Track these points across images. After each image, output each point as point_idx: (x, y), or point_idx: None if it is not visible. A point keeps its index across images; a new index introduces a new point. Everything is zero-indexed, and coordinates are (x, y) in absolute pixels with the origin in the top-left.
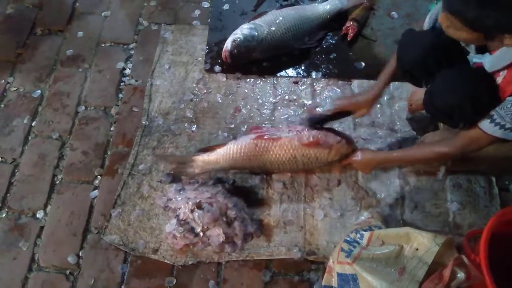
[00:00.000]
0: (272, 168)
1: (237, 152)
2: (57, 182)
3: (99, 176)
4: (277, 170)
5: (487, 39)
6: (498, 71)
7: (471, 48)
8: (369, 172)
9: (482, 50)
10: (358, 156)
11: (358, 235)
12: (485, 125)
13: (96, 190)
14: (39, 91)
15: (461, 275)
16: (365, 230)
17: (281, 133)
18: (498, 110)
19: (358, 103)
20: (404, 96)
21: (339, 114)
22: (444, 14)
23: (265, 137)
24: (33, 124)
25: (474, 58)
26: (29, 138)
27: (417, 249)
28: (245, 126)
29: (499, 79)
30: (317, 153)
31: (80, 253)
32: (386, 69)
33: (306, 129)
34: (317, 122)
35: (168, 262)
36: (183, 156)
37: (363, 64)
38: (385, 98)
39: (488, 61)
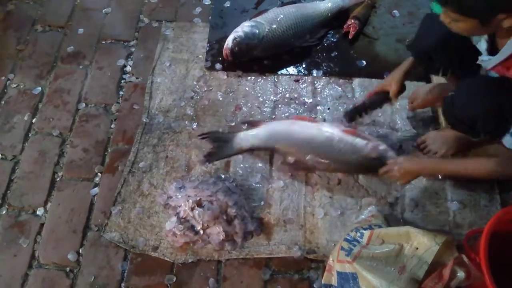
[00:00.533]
0: (306, 151)
1: (277, 127)
2: (58, 179)
3: (99, 174)
4: (311, 156)
5: (484, 25)
6: (504, 61)
7: (482, 49)
8: (407, 183)
9: (493, 52)
10: (400, 163)
11: (358, 234)
12: (508, 141)
13: (97, 188)
14: (40, 88)
15: (461, 274)
16: (365, 229)
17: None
18: None
19: (386, 82)
20: (405, 94)
21: (374, 103)
22: (443, 11)
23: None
24: (33, 121)
25: (484, 58)
26: (30, 135)
27: (417, 248)
28: (245, 125)
29: None
30: (355, 141)
31: (80, 251)
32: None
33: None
34: (355, 113)
35: (168, 259)
36: (224, 133)
37: (364, 62)
38: None
39: (494, 59)
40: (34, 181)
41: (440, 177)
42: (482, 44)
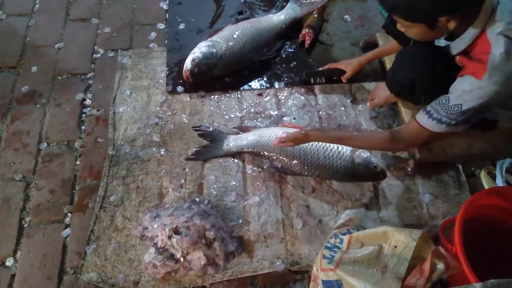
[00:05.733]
0: (292, 156)
1: (265, 131)
2: (25, 225)
3: (69, 214)
4: (297, 161)
5: (432, 28)
6: (457, 55)
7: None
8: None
9: (450, 37)
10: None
11: (338, 240)
12: (423, 119)
13: (68, 229)
14: None
15: (440, 266)
16: (344, 234)
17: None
18: (433, 105)
19: (345, 62)
20: (366, 97)
21: (330, 74)
22: (397, 21)
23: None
24: None
25: (441, 43)
26: None
27: (395, 247)
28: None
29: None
30: (341, 148)
31: None
32: (379, 47)
33: None
34: (311, 76)
35: None
36: (216, 130)
37: None
38: (348, 101)
39: (451, 46)
40: (0, 231)
41: (410, 172)
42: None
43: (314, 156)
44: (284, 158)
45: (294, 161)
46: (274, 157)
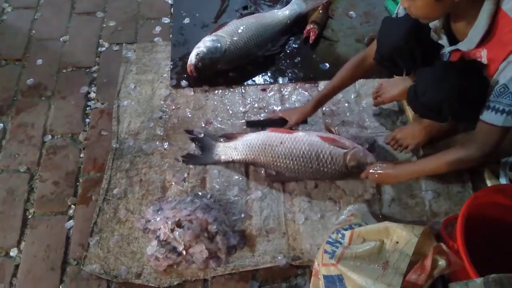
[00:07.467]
0: (285, 166)
1: (254, 140)
2: (29, 216)
3: (73, 206)
4: (290, 170)
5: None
6: (476, 48)
7: (444, 42)
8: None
9: (453, 42)
10: (377, 169)
11: (340, 235)
12: (488, 116)
13: (71, 220)
14: (1, 124)
15: (442, 262)
16: (346, 229)
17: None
18: (492, 99)
19: (289, 112)
20: (370, 92)
21: (275, 122)
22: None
23: (283, 130)
24: None
25: (448, 49)
26: None
27: (397, 242)
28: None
29: (483, 60)
30: (333, 152)
31: (60, 287)
32: (322, 90)
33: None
34: (254, 125)
35: (152, 285)
36: (207, 136)
37: (327, 65)
38: (352, 97)
39: (462, 45)
40: (5, 222)
41: None
42: (444, 40)
43: (307, 164)
44: (277, 166)
45: (287, 172)
46: (266, 166)
